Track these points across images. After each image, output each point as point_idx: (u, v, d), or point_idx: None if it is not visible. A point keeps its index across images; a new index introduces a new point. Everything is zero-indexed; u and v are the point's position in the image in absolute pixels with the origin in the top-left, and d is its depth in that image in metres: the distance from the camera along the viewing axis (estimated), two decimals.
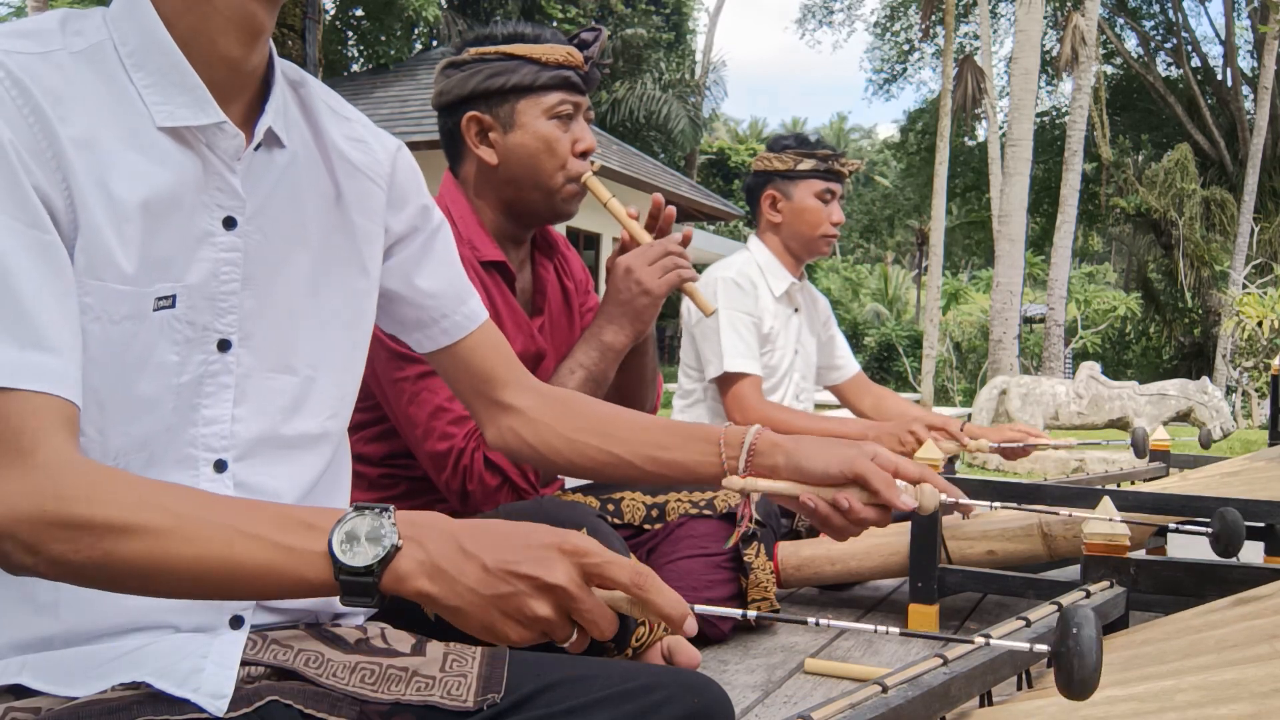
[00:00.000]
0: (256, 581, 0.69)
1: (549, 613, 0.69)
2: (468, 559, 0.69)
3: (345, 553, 0.68)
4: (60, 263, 0.73)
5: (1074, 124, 14.34)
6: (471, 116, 1.62)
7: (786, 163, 2.54)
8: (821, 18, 28.38)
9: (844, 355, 2.81)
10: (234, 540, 0.68)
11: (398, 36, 19.39)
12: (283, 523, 0.70)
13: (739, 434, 1.02)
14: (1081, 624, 0.74)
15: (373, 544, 0.69)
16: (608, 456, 1.07)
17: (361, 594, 0.69)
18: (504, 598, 0.69)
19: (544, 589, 0.69)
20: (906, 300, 29.91)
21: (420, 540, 0.70)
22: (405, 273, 1.01)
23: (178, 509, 0.69)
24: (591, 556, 0.70)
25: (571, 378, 1.56)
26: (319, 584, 0.69)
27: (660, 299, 1.59)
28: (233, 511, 0.70)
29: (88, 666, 0.77)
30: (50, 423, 0.70)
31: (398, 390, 1.49)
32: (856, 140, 42.58)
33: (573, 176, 1.63)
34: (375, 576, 0.68)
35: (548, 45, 1.59)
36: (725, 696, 0.89)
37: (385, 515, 0.70)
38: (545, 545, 0.70)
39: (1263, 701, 0.92)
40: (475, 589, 0.69)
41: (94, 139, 0.76)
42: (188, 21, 0.80)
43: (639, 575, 0.70)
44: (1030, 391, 7.63)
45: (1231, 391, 13.60)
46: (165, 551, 0.68)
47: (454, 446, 1.49)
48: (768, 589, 1.98)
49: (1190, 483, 2.42)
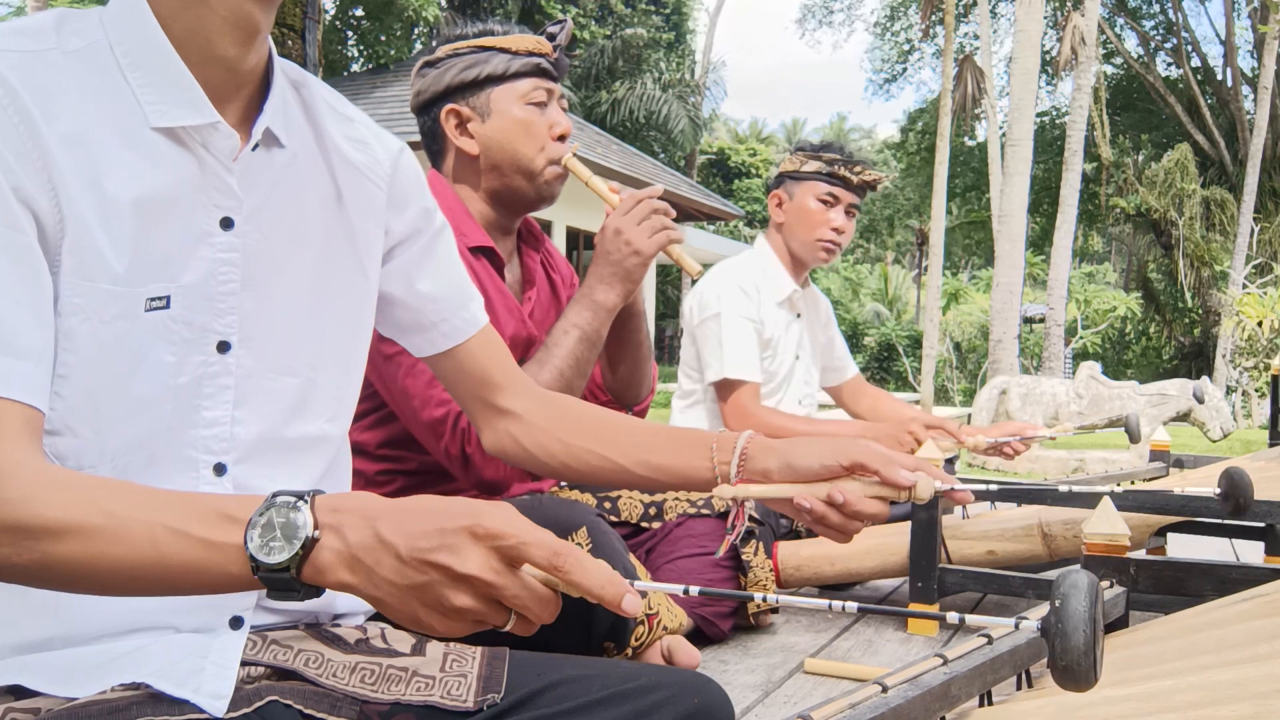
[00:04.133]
0: (187, 579, 0.67)
1: (470, 603, 0.64)
2: (384, 548, 0.65)
3: (261, 548, 0.65)
4: (33, 264, 0.73)
5: (1074, 124, 14.33)
6: (450, 110, 1.65)
7: (794, 163, 2.55)
8: (821, 18, 28.41)
9: (842, 357, 2.81)
10: (160, 537, 0.66)
11: (398, 36, 19.39)
12: (206, 516, 0.67)
13: (731, 439, 1.02)
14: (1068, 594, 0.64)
15: (288, 538, 0.65)
16: (602, 461, 1.07)
17: (284, 589, 0.66)
18: (421, 589, 0.65)
19: (458, 579, 0.64)
20: (906, 300, 29.90)
21: (339, 528, 0.66)
22: (406, 276, 1.01)
23: (110, 507, 0.67)
24: (507, 539, 0.64)
25: (566, 338, 1.57)
26: (243, 580, 0.66)
27: (650, 258, 1.61)
28: (162, 506, 0.68)
29: (88, 667, 0.77)
30: (9, 428, 0.69)
31: (392, 365, 1.49)
32: (856, 140, 42.54)
33: (553, 159, 1.66)
34: (293, 572, 0.65)
35: (517, 36, 1.65)
36: (725, 696, 0.89)
37: (302, 504, 0.66)
38: (458, 530, 0.64)
39: (1263, 701, 0.92)
40: (391, 580, 0.65)
41: (85, 137, 0.76)
42: (184, 22, 0.79)
43: (556, 556, 0.64)
44: (1030, 391, 7.63)
45: (1231, 391, 13.60)
46: (98, 552, 0.66)
47: (450, 410, 1.49)
48: (767, 588, 1.98)
49: (1190, 482, 2.42)
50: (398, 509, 0.67)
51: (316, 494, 0.67)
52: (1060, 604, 0.64)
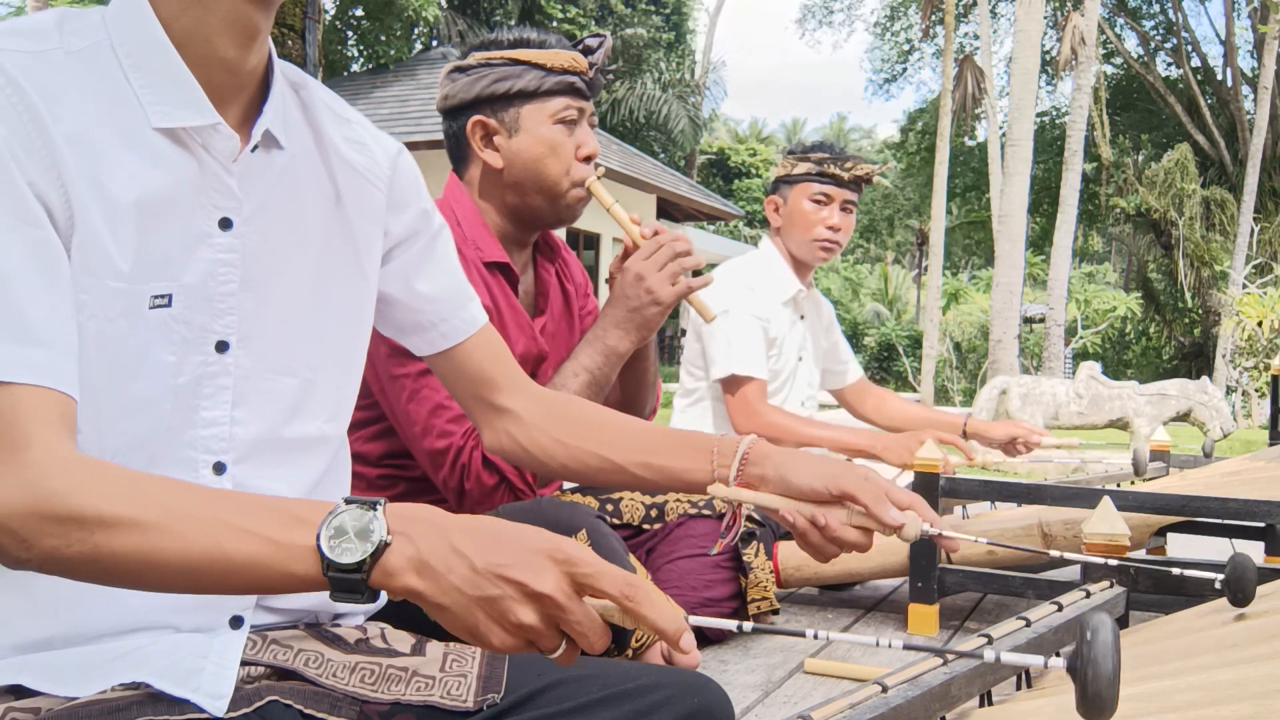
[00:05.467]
0: (247, 576, 0.68)
1: (534, 620, 0.66)
2: (457, 556, 0.67)
3: (334, 549, 0.66)
4: (55, 259, 0.73)
5: (1074, 124, 14.34)
6: (477, 121, 1.62)
7: (786, 166, 2.56)
8: (821, 18, 28.42)
9: (845, 359, 2.81)
10: (223, 534, 0.67)
11: (398, 36, 19.39)
12: (274, 516, 0.68)
13: (734, 443, 1.02)
14: (1097, 629, 0.70)
15: (361, 540, 0.67)
16: (601, 461, 1.08)
17: (350, 590, 0.67)
18: (490, 600, 0.66)
19: (531, 596, 0.66)
20: (906, 300, 29.91)
21: (410, 534, 0.68)
22: (405, 277, 1.01)
23: (167, 502, 0.68)
24: (582, 566, 0.67)
25: (575, 380, 1.57)
26: (309, 579, 0.67)
27: (669, 308, 1.59)
28: (224, 504, 0.69)
29: (88, 666, 0.77)
30: (44, 417, 0.69)
31: (397, 387, 1.49)
32: (856, 140, 42.55)
33: (577, 181, 1.63)
34: (364, 573, 0.66)
35: (553, 51, 1.59)
36: (725, 696, 0.89)
37: (376, 509, 0.68)
38: (536, 550, 0.67)
39: (1263, 701, 0.92)
40: (461, 588, 0.66)
41: (87, 137, 0.76)
42: (183, 23, 0.80)
43: (629, 587, 0.67)
44: (1030, 391, 7.63)
45: (1231, 391, 13.59)
46: (153, 546, 0.66)
47: (452, 444, 1.49)
48: (767, 588, 1.98)
49: (1190, 483, 2.42)
50: (470, 524, 0.69)
51: (387, 502, 0.69)
52: (1091, 639, 0.69)
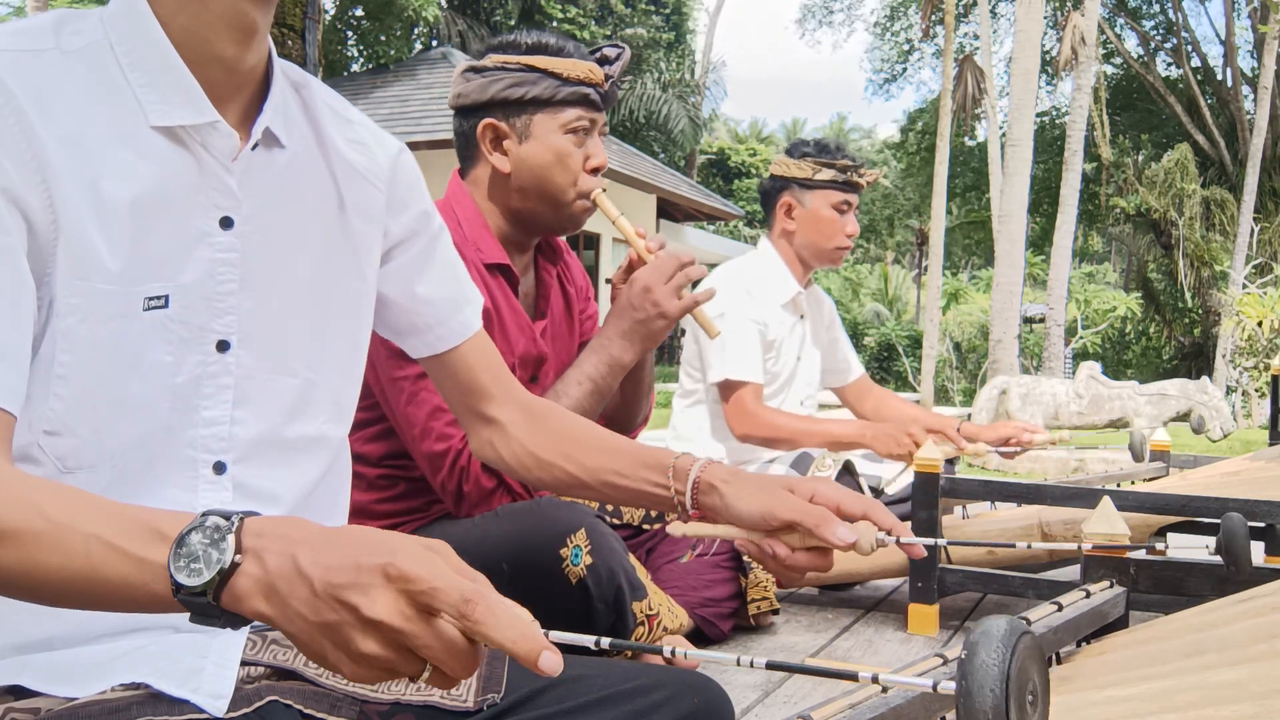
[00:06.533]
0: (117, 595, 0.62)
1: (378, 650, 0.57)
2: (300, 579, 0.58)
3: (181, 570, 0.59)
4: (14, 266, 0.71)
5: (1074, 124, 14.33)
6: (488, 124, 1.62)
7: (805, 170, 2.52)
8: (821, 17, 28.42)
9: (847, 358, 2.81)
10: (94, 549, 0.61)
11: (398, 36, 19.39)
12: (139, 530, 0.62)
13: (688, 465, 1.02)
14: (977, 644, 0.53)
15: (208, 561, 0.59)
16: (569, 477, 1.09)
17: (205, 614, 0.60)
18: (331, 627, 0.58)
19: (366, 623, 0.57)
20: (906, 300, 29.89)
21: (260, 554, 0.60)
22: (402, 278, 1.01)
23: (51, 513, 0.63)
24: (416, 582, 0.57)
25: (579, 388, 1.58)
26: (168, 601, 0.60)
27: (674, 321, 1.61)
28: (102, 516, 0.63)
29: (88, 667, 0.77)
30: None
31: (396, 389, 1.49)
32: (856, 140, 42.53)
33: (583, 192, 1.64)
34: (212, 597, 0.59)
35: (570, 60, 1.59)
36: (725, 696, 0.89)
37: (227, 525, 0.61)
38: (372, 568, 0.57)
39: (1263, 701, 0.92)
40: (304, 614, 0.58)
41: (82, 137, 0.75)
42: (182, 21, 0.79)
43: (466, 603, 0.56)
44: (1030, 391, 7.64)
45: (1231, 391, 13.60)
46: (34, 559, 0.62)
47: (451, 447, 1.49)
48: (767, 588, 1.98)
49: (1190, 483, 2.42)
50: (323, 536, 0.61)
51: (249, 515, 0.62)
52: (967, 657, 0.54)
